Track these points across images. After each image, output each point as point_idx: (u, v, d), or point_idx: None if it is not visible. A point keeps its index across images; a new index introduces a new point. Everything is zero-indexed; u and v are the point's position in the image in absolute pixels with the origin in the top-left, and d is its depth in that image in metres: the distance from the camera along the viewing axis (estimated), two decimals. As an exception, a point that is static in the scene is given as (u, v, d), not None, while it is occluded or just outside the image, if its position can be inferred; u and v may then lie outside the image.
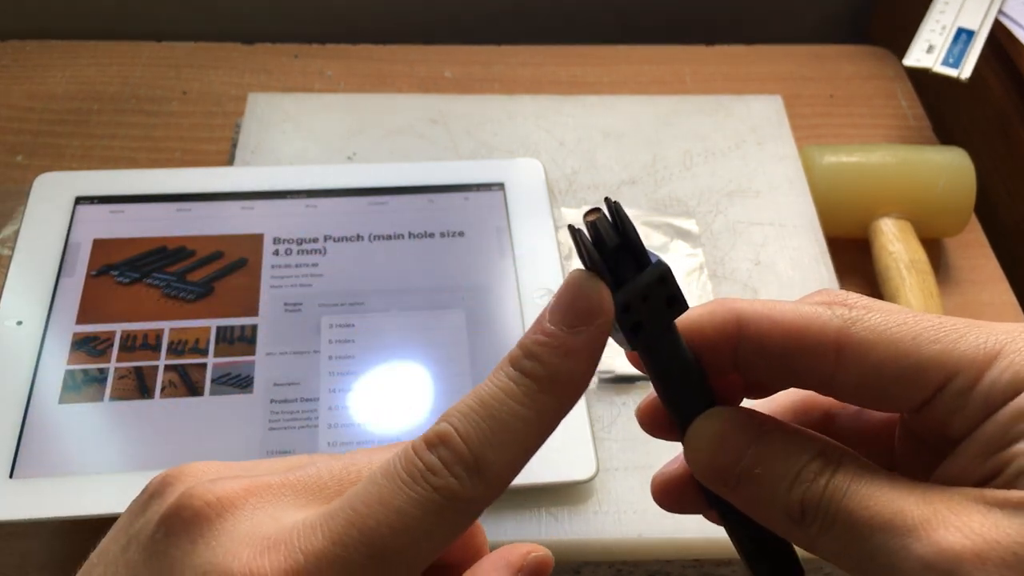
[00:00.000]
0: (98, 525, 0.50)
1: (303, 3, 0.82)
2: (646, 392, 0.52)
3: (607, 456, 0.49)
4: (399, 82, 0.73)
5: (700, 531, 0.47)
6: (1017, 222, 0.67)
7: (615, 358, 0.52)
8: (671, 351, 0.24)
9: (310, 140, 0.64)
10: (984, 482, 0.22)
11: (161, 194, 0.56)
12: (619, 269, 0.23)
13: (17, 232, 0.53)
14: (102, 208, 0.55)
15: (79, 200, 0.55)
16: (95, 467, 0.45)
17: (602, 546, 0.47)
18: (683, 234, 0.60)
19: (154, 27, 0.81)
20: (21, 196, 0.59)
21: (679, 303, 0.24)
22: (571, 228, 0.23)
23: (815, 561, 0.48)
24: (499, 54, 0.76)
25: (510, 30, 0.83)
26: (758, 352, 0.24)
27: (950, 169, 0.62)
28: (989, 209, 0.68)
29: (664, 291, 0.24)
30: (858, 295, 0.25)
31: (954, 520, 0.20)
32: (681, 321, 0.25)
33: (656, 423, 0.27)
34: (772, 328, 0.24)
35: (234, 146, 0.65)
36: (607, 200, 0.23)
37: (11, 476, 0.44)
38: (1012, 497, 0.21)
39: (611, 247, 0.23)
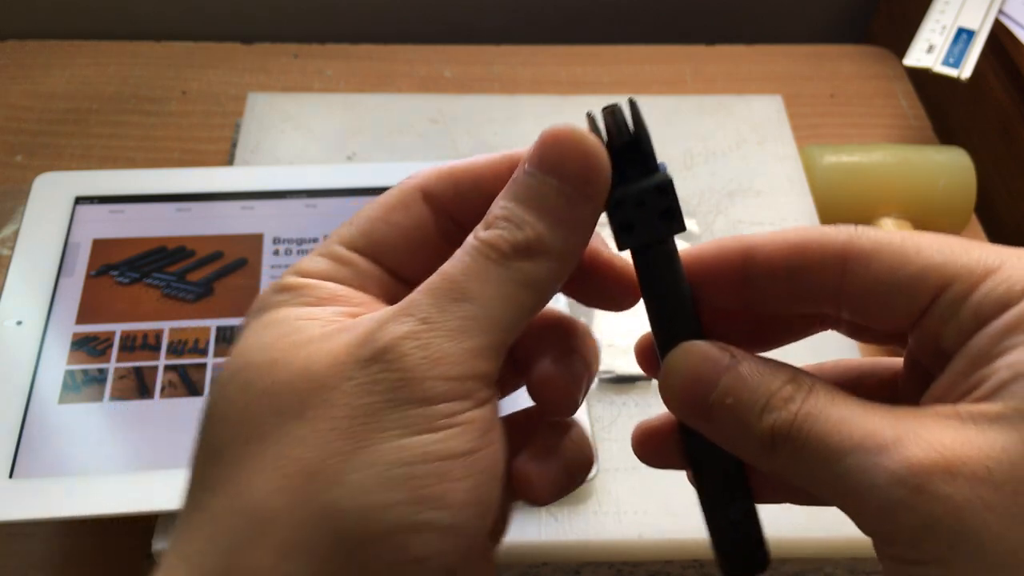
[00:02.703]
0: (98, 525, 0.50)
1: (303, 3, 0.82)
2: (647, 392, 0.52)
3: (607, 456, 0.49)
4: (399, 82, 0.73)
5: (700, 531, 0.47)
6: (1017, 222, 0.67)
7: (615, 359, 0.52)
8: (663, 268, 0.24)
9: (310, 140, 0.64)
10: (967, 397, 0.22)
11: (161, 194, 0.56)
12: (624, 167, 0.23)
13: (17, 232, 0.53)
14: (102, 208, 0.55)
15: (79, 200, 0.55)
16: (95, 467, 0.45)
17: (602, 546, 0.47)
18: (683, 234, 0.60)
19: (154, 27, 0.81)
20: (21, 196, 0.59)
21: (676, 219, 0.24)
22: (588, 115, 0.23)
23: (815, 561, 0.48)
24: (499, 54, 0.76)
25: (510, 30, 0.83)
26: (767, 275, 0.24)
27: (950, 169, 0.62)
28: (989, 209, 0.68)
29: (662, 202, 0.23)
30: None
31: (926, 436, 0.20)
32: (688, 253, 0.25)
33: (651, 452, 0.27)
34: (780, 247, 0.24)
35: (234, 146, 0.65)
36: (630, 99, 0.23)
37: (11, 476, 0.44)
38: (988, 411, 0.21)
39: (621, 143, 0.23)
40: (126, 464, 0.45)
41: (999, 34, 0.67)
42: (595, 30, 0.86)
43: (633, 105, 0.23)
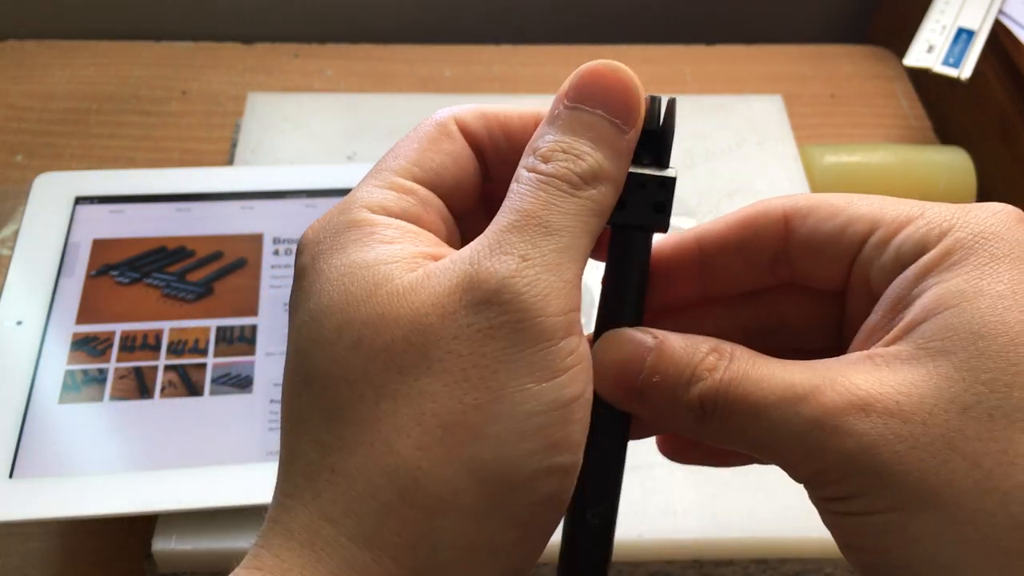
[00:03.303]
0: (98, 525, 0.50)
1: (303, 3, 0.82)
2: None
3: (607, 456, 0.49)
4: (399, 82, 0.73)
5: (700, 531, 0.47)
6: (1017, 222, 0.67)
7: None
8: (635, 254, 0.25)
9: (310, 140, 0.64)
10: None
11: (161, 194, 0.56)
12: (641, 151, 0.25)
13: (17, 232, 0.53)
14: (102, 208, 0.55)
15: (79, 200, 0.55)
16: (95, 467, 0.45)
17: (602, 546, 0.47)
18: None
19: (154, 27, 0.81)
20: (21, 196, 0.59)
21: (665, 215, 0.25)
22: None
23: (815, 561, 0.48)
24: (499, 54, 0.76)
25: (510, 30, 0.83)
26: (720, 252, 0.26)
27: (950, 169, 0.62)
28: (989, 209, 0.67)
29: (660, 194, 0.25)
30: None
31: (841, 381, 0.22)
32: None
33: (677, 450, 0.29)
34: (728, 224, 0.26)
35: (234, 146, 0.65)
36: (671, 98, 0.25)
37: (11, 476, 0.44)
38: (899, 352, 0.22)
39: (647, 129, 0.25)
40: (126, 464, 0.45)
41: (999, 34, 0.66)
42: (595, 30, 0.86)
43: (671, 104, 0.25)
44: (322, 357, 0.22)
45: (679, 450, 0.29)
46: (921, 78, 0.73)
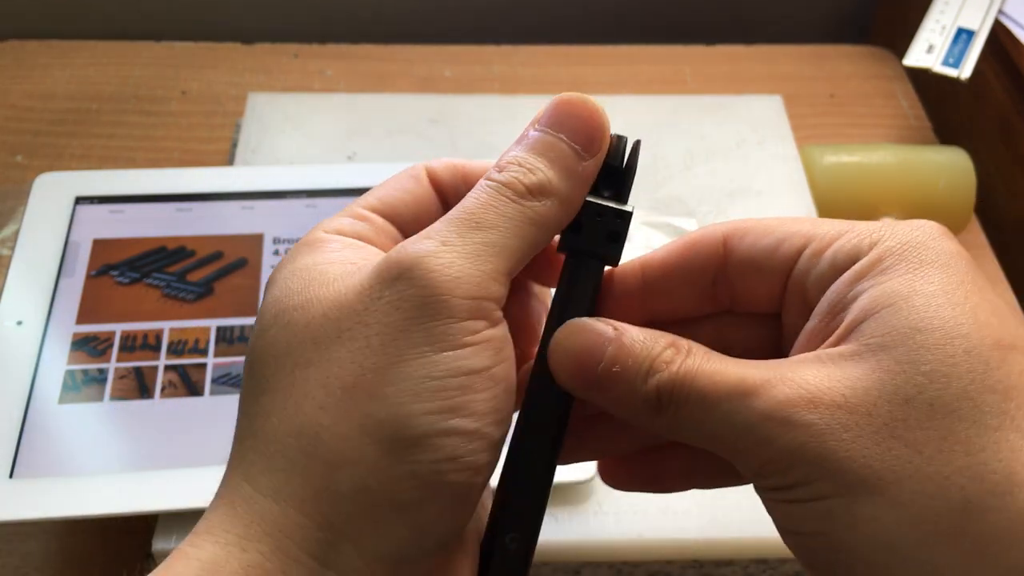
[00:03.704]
0: (98, 525, 0.50)
1: (303, 3, 0.82)
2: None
3: (607, 456, 0.49)
4: (399, 82, 0.73)
5: (700, 531, 0.47)
6: (1017, 222, 0.67)
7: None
8: (584, 279, 0.27)
9: (310, 140, 0.64)
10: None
11: (161, 194, 0.56)
12: (603, 184, 0.27)
13: (17, 232, 0.53)
14: (102, 208, 0.55)
15: (79, 200, 0.55)
16: (95, 467, 0.45)
17: (602, 546, 0.47)
18: (683, 234, 0.60)
19: (154, 27, 0.81)
20: (21, 196, 0.59)
21: (617, 245, 0.26)
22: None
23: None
24: (499, 54, 0.76)
25: (510, 30, 0.83)
26: (663, 277, 0.28)
27: (950, 169, 0.62)
28: (989, 209, 0.68)
29: (616, 225, 0.26)
30: None
31: (791, 377, 0.23)
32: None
33: (616, 477, 0.30)
34: (670, 251, 0.28)
35: (234, 146, 0.65)
36: (636, 140, 0.27)
37: (11, 476, 0.44)
38: (844, 351, 0.23)
39: (610, 165, 0.26)
40: (126, 464, 0.45)
41: (999, 34, 0.66)
42: (595, 30, 0.86)
43: (636, 145, 0.27)
44: (259, 342, 0.25)
45: (618, 477, 0.30)
46: (921, 78, 0.73)
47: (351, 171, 0.58)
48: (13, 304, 0.50)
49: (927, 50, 0.64)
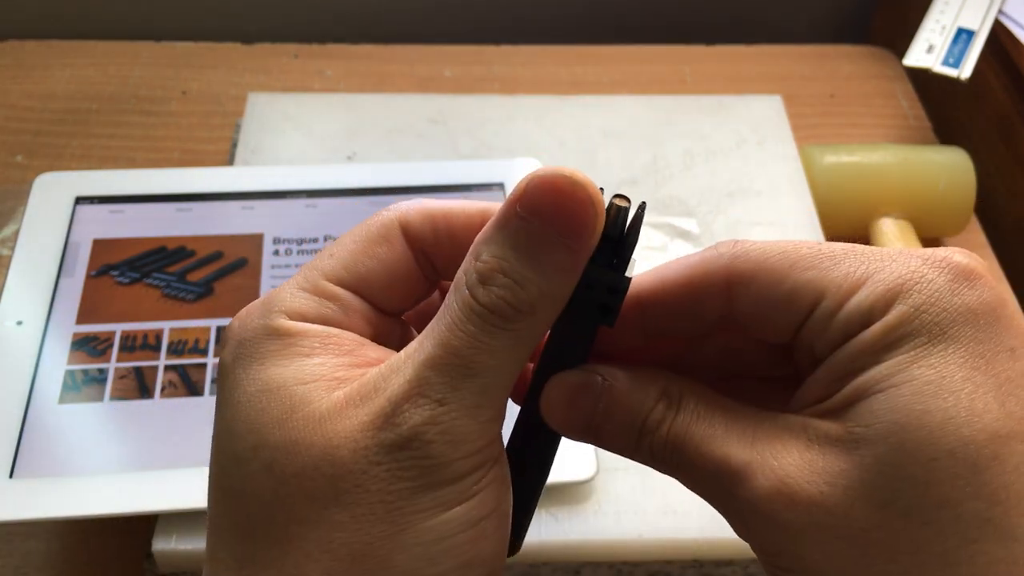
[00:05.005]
0: (98, 525, 0.50)
1: (303, 3, 0.82)
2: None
3: (607, 456, 0.49)
4: (399, 82, 0.73)
5: (700, 531, 0.47)
6: (1017, 222, 0.67)
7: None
8: (575, 339, 0.25)
9: (310, 140, 0.64)
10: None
11: (161, 194, 0.56)
12: (599, 251, 0.24)
13: (17, 232, 0.53)
14: (102, 208, 0.55)
15: (79, 200, 0.55)
16: (95, 467, 0.45)
17: (602, 546, 0.47)
18: (683, 234, 0.60)
19: (154, 27, 0.81)
20: (21, 196, 0.59)
21: (608, 317, 0.24)
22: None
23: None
24: (499, 54, 0.76)
25: (510, 30, 0.83)
26: (661, 315, 0.26)
27: (950, 169, 0.62)
28: (989, 209, 0.68)
29: (607, 298, 0.24)
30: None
31: (772, 464, 0.22)
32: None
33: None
34: (666, 287, 0.25)
35: (234, 146, 0.65)
36: (643, 203, 0.24)
37: (11, 476, 0.44)
38: (831, 432, 0.22)
39: (608, 235, 0.24)
40: (126, 464, 0.45)
41: (999, 34, 0.67)
42: (595, 30, 0.86)
43: (640, 209, 0.24)
44: (237, 474, 0.23)
45: None
46: (921, 78, 0.73)
47: (351, 171, 0.58)
48: (13, 304, 0.50)
49: (927, 50, 0.64)
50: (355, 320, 0.25)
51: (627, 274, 0.24)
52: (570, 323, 0.25)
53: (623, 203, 0.24)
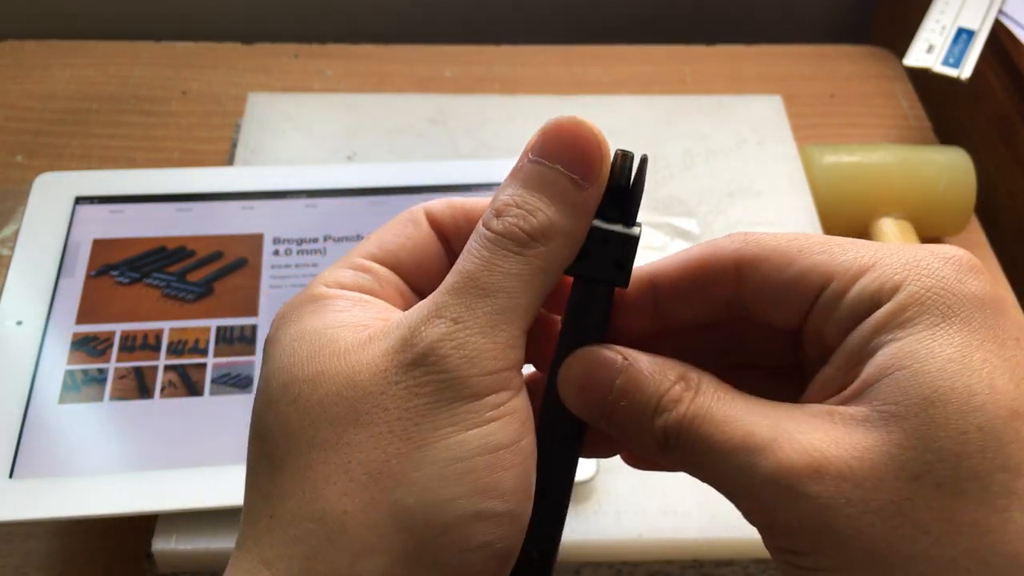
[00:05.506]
0: (98, 525, 0.50)
1: (303, 3, 0.82)
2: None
3: (607, 456, 0.49)
4: (399, 82, 0.73)
5: (700, 531, 0.47)
6: (1017, 222, 0.67)
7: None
8: (594, 305, 0.26)
9: (310, 140, 0.64)
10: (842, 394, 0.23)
11: (161, 194, 0.56)
12: (608, 206, 0.25)
13: (17, 232, 0.53)
14: (102, 208, 0.55)
15: (79, 200, 0.55)
16: (95, 467, 0.45)
17: (602, 546, 0.47)
18: (683, 234, 0.60)
19: (154, 27, 0.81)
20: (21, 196, 0.59)
21: (624, 272, 0.25)
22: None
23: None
24: (499, 54, 0.76)
25: (510, 30, 0.83)
26: (673, 296, 0.26)
27: (950, 169, 0.62)
28: (989, 209, 0.68)
29: (622, 252, 0.25)
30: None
31: (799, 438, 0.22)
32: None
33: (638, 457, 0.29)
34: (679, 268, 0.26)
35: (234, 146, 0.65)
36: (644, 155, 0.25)
37: (11, 476, 0.44)
38: (856, 413, 0.22)
39: (616, 185, 0.25)
40: (126, 464, 0.45)
41: (999, 34, 0.67)
42: (595, 30, 0.86)
43: (643, 161, 0.25)
44: (269, 414, 0.24)
45: (640, 460, 0.29)
46: (921, 78, 0.73)
47: (351, 171, 0.58)
48: (13, 304, 0.50)
49: (927, 50, 0.64)
50: (388, 291, 0.26)
51: (635, 227, 0.25)
52: (586, 289, 0.25)
53: (626, 154, 0.25)
